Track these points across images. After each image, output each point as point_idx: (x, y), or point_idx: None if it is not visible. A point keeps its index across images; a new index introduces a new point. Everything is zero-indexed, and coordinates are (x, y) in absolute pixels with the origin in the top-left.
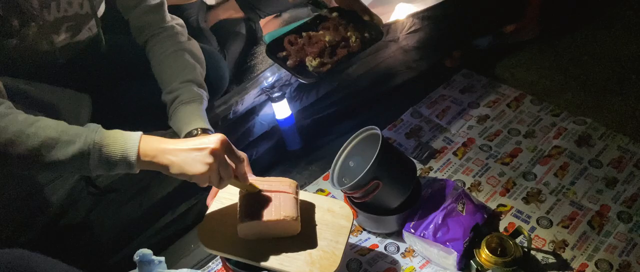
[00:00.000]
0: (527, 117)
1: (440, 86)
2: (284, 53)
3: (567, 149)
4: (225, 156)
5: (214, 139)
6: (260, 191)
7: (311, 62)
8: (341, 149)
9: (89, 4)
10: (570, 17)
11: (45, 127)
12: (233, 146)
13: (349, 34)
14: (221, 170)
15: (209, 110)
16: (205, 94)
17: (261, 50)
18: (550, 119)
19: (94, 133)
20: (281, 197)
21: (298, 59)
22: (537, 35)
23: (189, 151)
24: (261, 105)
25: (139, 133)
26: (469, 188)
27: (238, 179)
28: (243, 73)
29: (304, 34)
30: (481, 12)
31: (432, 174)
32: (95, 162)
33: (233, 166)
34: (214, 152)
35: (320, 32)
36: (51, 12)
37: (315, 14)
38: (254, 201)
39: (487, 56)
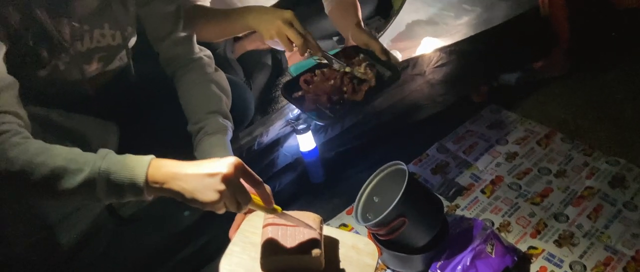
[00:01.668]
0: (558, 155)
1: (467, 121)
2: (300, 93)
3: (600, 190)
4: (242, 180)
5: (227, 163)
6: (283, 212)
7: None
8: (366, 183)
9: (121, 36)
10: (600, 54)
11: (55, 156)
12: (249, 169)
13: (361, 76)
14: (237, 195)
15: (233, 141)
16: (230, 125)
17: (286, 81)
18: (582, 158)
19: (101, 160)
20: (305, 232)
21: (314, 100)
22: (567, 72)
23: (200, 176)
24: (286, 137)
25: (150, 157)
26: (497, 228)
27: (259, 201)
28: (268, 104)
29: (317, 71)
30: (509, 47)
31: (459, 212)
32: (103, 190)
33: (252, 189)
34: (226, 179)
35: (335, 69)
36: (84, 44)
37: (341, 47)
38: (278, 236)
39: (515, 92)
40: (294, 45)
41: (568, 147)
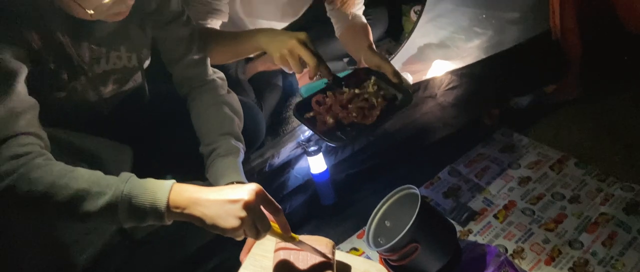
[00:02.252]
0: (572, 180)
1: (479, 144)
2: (312, 113)
3: (614, 217)
4: (261, 206)
5: (248, 190)
6: (299, 240)
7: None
8: (377, 207)
9: (136, 58)
10: (613, 78)
11: (78, 178)
12: (269, 196)
13: (372, 99)
14: (257, 223)
15: (244, 163)
16: (242, 147)
17: (296, 102)
18: (595, 183)
19: (123, 183)
20: (317, 258)
21: (326, 121)
22: (579, 96)
23: (222, 202)
24: (297, 158)
25: (171, 182)
26: (511, 255)
27: (277, 229)
28: (279, 125)
29: (329, 93)
30: (520, 71)
31: (471, 238)
32: (124, 214)
33: (271, 217)
34: (247, 206)
35: (346, 91)
36: (100, 66)
37: (352, 68)
38: (289, 260)
39: (526, 115)
40: (304, 66)
41: (581, 172)
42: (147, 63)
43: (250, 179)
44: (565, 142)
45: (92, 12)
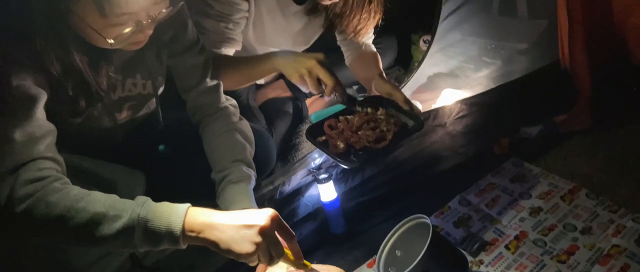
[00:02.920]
0: (583, 211)
1: (489, 174)
2: (324, 137)
3: (627, 249)
4: (276, 232)
5: (264, 216)
6: (311, 268)
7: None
8: (388, 236)
9: (151, 85)
10: (623, 109)
11: (95, 202)
12: (284, 222)
13: (384, 125)
14: (271, 249)
15: (255, 190)
16: (253, 174)
17: (306, 128)
18: (607, 215)
19: (139, 207)
20: None
21: (338, 144)
22: (590, 126)
23: (238, 227)
24: (307, 186)
25: (186, 206)
26: None
27: (290, 255)
28: (288, 151)
29: (341, 118)
30: (530, 100)
31: (483, 269)
32: (140, 237)
33: (284, 243)
34: (263, 231)
35: (357, 118)
36: (116, 93)
37: (363, 96)
38: None
39: (537, 145)
40: (322, 86)
41: (593, 203)
42: (161, 90)
43: (260, 206)
44: (576, 172)
45: (112, 41)
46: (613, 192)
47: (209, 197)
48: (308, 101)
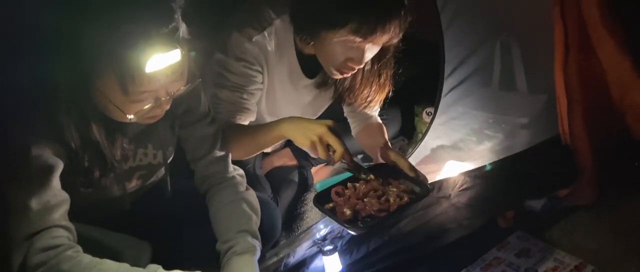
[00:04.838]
0: None
1: (494, 248)
2: (332, 204)
3: None
4: None
5: None
6: None
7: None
8: None
9: (162, 155)
10: (626, 184)
11: (106, 270)
12: None
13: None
14: None
15: (260, 261)
16: (258, 245)
17: (311, 197)
18: None
19: None
20: None
21: (345, 210)
22: (595, 201)
23: None
24: (312, 258)
25: None
26: None
27: None
28: (293, 220)
29: (348, 184)
30: (532, 174)
31: None
32: None
33: None
34: None
35: (364, 185)
36: (128, 163)
37: (367, 165)
38: None
39: (541, 218)
40: (331, 153)
41: None
42: (170, 159)
43: None
44: (581, 247)
45: (131, 117)
46: (620, 269)
47: (214, 267)
48: (313, 170)
